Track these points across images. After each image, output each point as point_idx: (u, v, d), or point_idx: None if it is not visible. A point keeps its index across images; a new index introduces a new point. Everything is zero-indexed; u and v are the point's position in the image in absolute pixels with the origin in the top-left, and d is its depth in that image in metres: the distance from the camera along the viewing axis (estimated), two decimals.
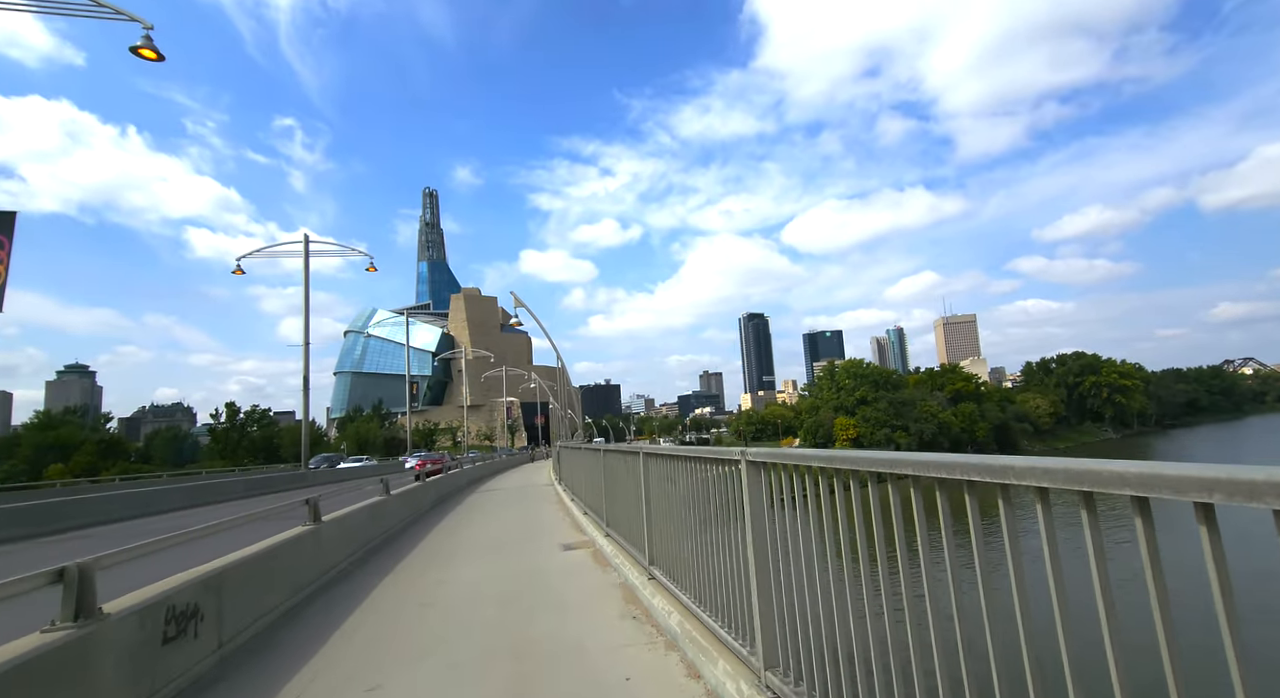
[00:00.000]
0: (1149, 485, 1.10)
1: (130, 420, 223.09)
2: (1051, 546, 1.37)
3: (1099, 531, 1.27)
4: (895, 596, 1.85)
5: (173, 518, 14.81)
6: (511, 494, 15.89)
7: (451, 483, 18.40)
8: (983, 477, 1.50)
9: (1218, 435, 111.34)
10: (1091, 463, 1.24)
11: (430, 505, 12.81)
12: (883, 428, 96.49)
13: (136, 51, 14.03)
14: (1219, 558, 1.05)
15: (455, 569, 6.62)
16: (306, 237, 29.89)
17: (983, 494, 1.58)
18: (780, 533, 2.65)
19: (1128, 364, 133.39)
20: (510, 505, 12.93)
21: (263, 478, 24.43)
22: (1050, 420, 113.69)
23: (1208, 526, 1.05)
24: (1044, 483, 1.33)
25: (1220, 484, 0.99)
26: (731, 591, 3.14)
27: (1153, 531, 1.18)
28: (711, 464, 3.44)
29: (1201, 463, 1.06)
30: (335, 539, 6.49)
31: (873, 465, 1.97)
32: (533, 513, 11.21)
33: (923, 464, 1.69)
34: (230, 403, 77.13)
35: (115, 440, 72.89)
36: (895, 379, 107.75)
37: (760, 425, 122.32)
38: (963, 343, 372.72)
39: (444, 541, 8.69)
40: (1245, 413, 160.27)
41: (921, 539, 1.78)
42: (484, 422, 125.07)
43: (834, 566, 2.22)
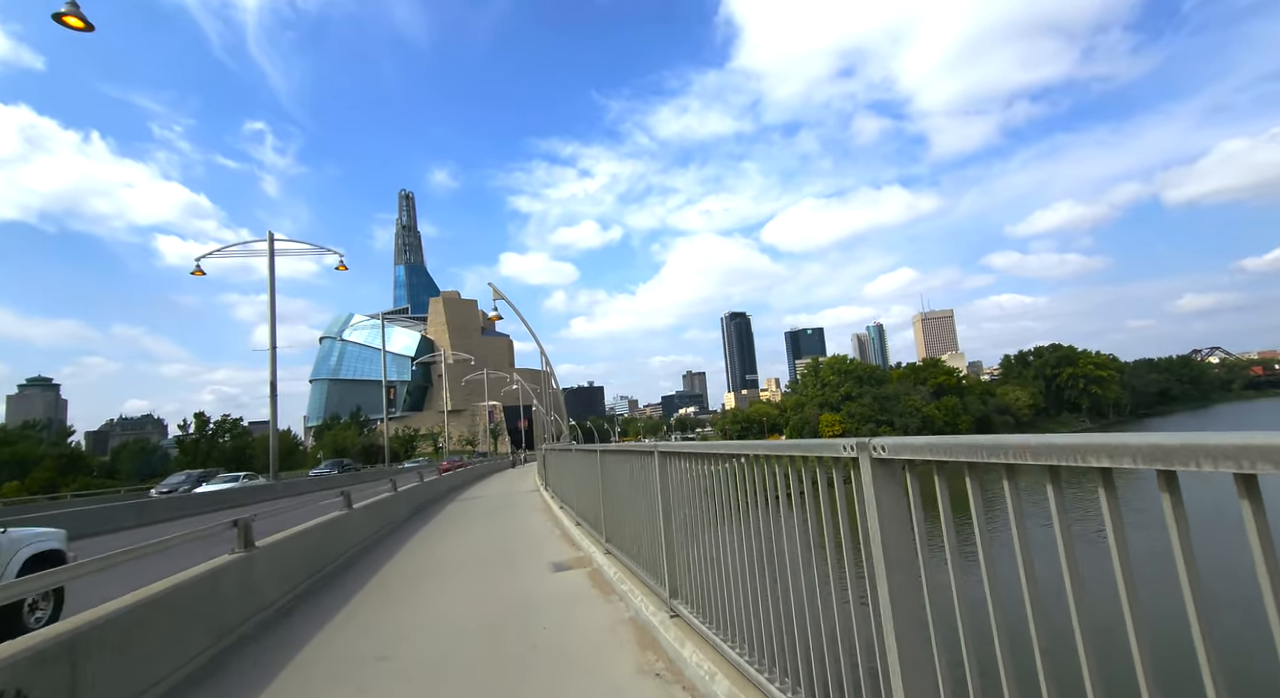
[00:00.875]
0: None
1: (98, 434, 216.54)
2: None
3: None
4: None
5: (118, 538, 13.35)
6: (494, 503, 14.58)
7: (430, 491, 17.07)
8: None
9: (1190, 423, 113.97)
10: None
11: (405, 517, 11.51)
12: (868, 423, 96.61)
13: (61, 19, 12.55)
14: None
15: (424, 601, 5.39)
16: (271, 235, 28.26)
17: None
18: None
19: (1103, 356, 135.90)
20: (493, 515, 11.66)
21: (224, 490, 22.77)
22: (1030, 412, 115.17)
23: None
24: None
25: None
26: (837, 657, 2.01)
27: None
28: (799, 461, 2.30)
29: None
30: (273, 570, 5.19)
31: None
32: (518, 523, 9.96)
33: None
34: (199, 413, 74.34)
35: (76, 455, 69.73)
36: (879, 374, 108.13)
37: (746, 424, 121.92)
38: (941, 338, 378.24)
39: (415, 561, 7.44)
40: (1214, 401, 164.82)
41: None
42: (466, 427, 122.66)
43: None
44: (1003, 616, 1.50)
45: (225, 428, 75.84)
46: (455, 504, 15.06)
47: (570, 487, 8.85)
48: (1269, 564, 0.94)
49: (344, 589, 5.92)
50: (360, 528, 8.10)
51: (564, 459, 9.57)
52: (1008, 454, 1.36)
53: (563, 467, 9.83)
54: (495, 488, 20.61)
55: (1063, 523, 1.31)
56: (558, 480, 11.20)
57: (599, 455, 5.82)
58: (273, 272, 27.96)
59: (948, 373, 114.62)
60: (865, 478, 1.88)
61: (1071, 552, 1.31)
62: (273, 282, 27.79)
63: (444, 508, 14.33)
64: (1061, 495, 1.31)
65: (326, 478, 36.03)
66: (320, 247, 28.98)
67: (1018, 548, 1.42)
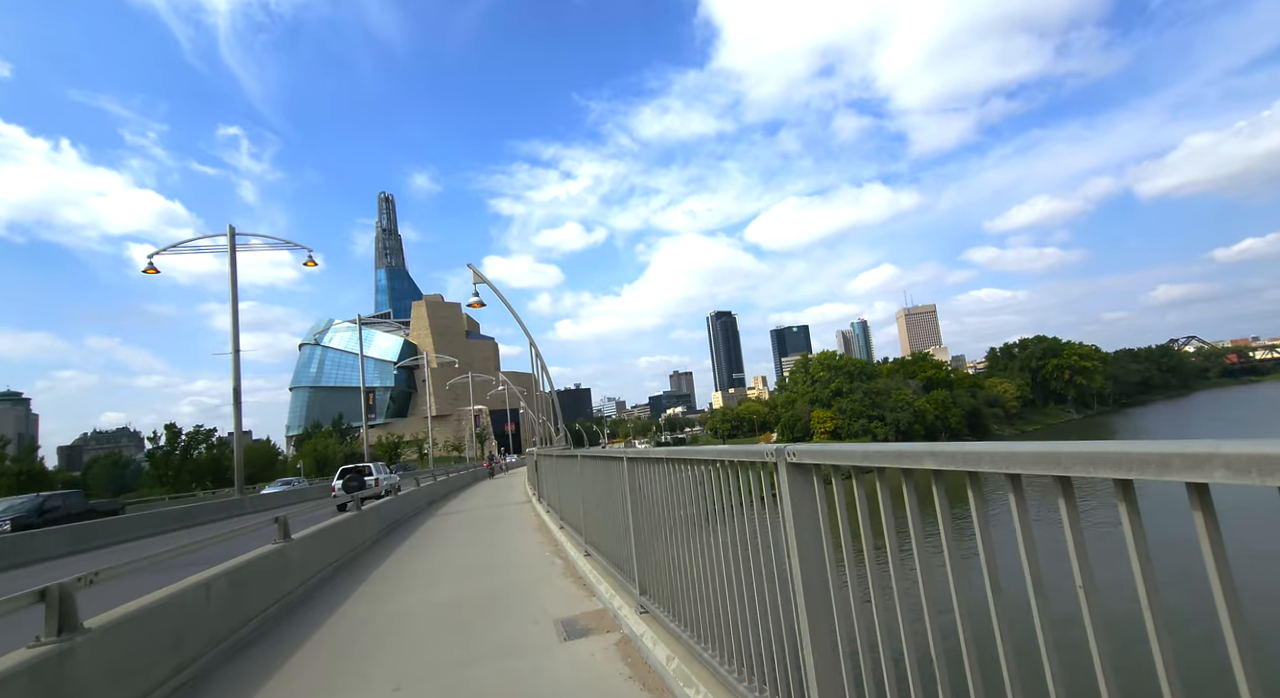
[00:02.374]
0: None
1: (72, 448, 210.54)
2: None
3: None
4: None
5: (31, 573, 11.32)
6: (478, 519, 12.60)
7: (406, 505, 15.10)
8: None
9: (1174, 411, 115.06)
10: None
11: (373, 539, 9.58)
12: (859, 419, 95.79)
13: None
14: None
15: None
16: (231, 229, 26.05)
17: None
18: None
19: (1087, 346, 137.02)
20: (478, 538, 9.72)
21: (183, 509, 20.53)
22: (1017, 405, 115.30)
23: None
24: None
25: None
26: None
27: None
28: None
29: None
30: (116, 667, 3.21)
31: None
32: (508, 550, 8.14)
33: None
34: (170, 425, 71.10)
35: (37, 472, 66.28)
36: (869, 369, 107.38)
37: (736, 422, 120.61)
38: (924, 333, 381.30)
39: (361, 624, 5.25)
40: (1192, 389, 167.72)
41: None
42: (452, 432, 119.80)
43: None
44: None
45: (199, 440, 72.55)
46: (435, 520, 13.10)
47: (573, 503, 7.05)
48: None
49: (240, 686, 3.90)
50: (298, 568, 6.13)
51: (562, 468, 7.76)
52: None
53: (561, 477, 8.01)
54: (479, 499, 18.60)
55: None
56: (554, 493, 9.37)
57: (625, 465, 3.96)
58: (234, 267, 25.77)
59: (937, 366, 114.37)
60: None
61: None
62: (234, 278, 25.59)
63: (423, 523, 12.38)
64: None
65: (299, 491, 33.75)
66: (285, 241, 26.82)
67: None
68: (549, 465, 10.32)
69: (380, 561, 7.85)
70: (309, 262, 27.13)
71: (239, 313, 25.52)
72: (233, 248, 25.89)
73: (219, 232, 25.91)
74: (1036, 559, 1.24)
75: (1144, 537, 1.06)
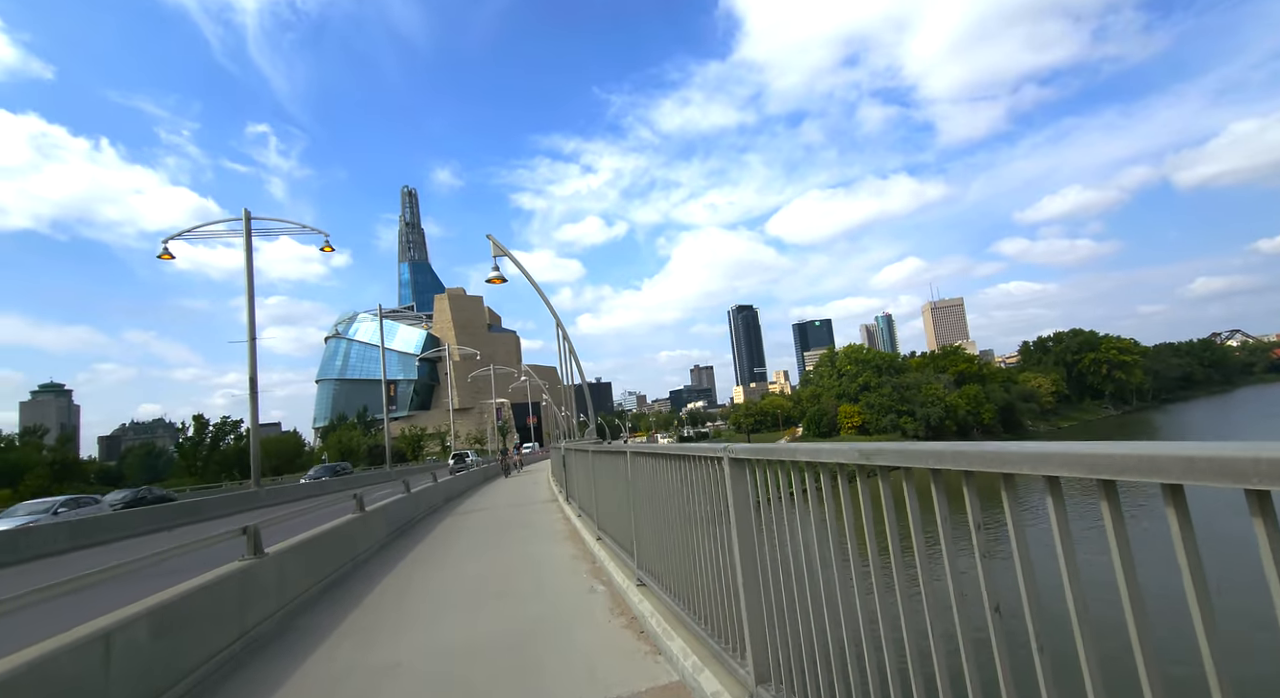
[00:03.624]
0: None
1: (111, 439, 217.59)
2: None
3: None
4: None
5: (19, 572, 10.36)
6: (498, 522, 11.17)
7: (425, 502, 13.87)
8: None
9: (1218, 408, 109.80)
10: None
11: (376, 547, 8.25)
12: (888, 414, 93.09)
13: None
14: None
15: None
16: (247, 213, 25.17)
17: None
18: None
19: (1125, 340, 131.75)
20: (496, 546, 8.37)
21: (190, 503, 19.68)
22: (1053, 400, 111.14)
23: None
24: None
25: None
26: None
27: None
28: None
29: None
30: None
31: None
32: (532, 568, 6.62)
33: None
34: (198, 416, 71.89)
35: (70, 461, 67.47)
36: (898, 363, 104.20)
37: (759, 416, 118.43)
38: (951, 327, 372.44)
39: (334, 686, 3.78)
40: (1236, 385, 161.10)
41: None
42: (474, 425, 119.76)
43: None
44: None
45: (226, 431, 73.16)
46: (450, 521, 11.79)
47: (618, 513, 5.60)
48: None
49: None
50: (270, 593, 4.66)
51: (601, 467, 6.29)
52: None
53: (598, 478, 6.55)
54: (498, 497, 17.31)
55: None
56: (587, 496, 7.95)
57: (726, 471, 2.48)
58: (250, 252, 24.91)
59: (969, 360, 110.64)
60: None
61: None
62: (250, 263, 24.73)
63: (436, 524, 11.07)
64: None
65: (320, 483, 33.01)
66: (302, 226, 25.83)
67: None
68: (580, 462, 8.92)
69: (380, 576, 6.51)
70: (326, 247, 26.17)
71: (254, 300, 24.65)
72: (248, 233, 25.01)
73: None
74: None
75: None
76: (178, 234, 25.18)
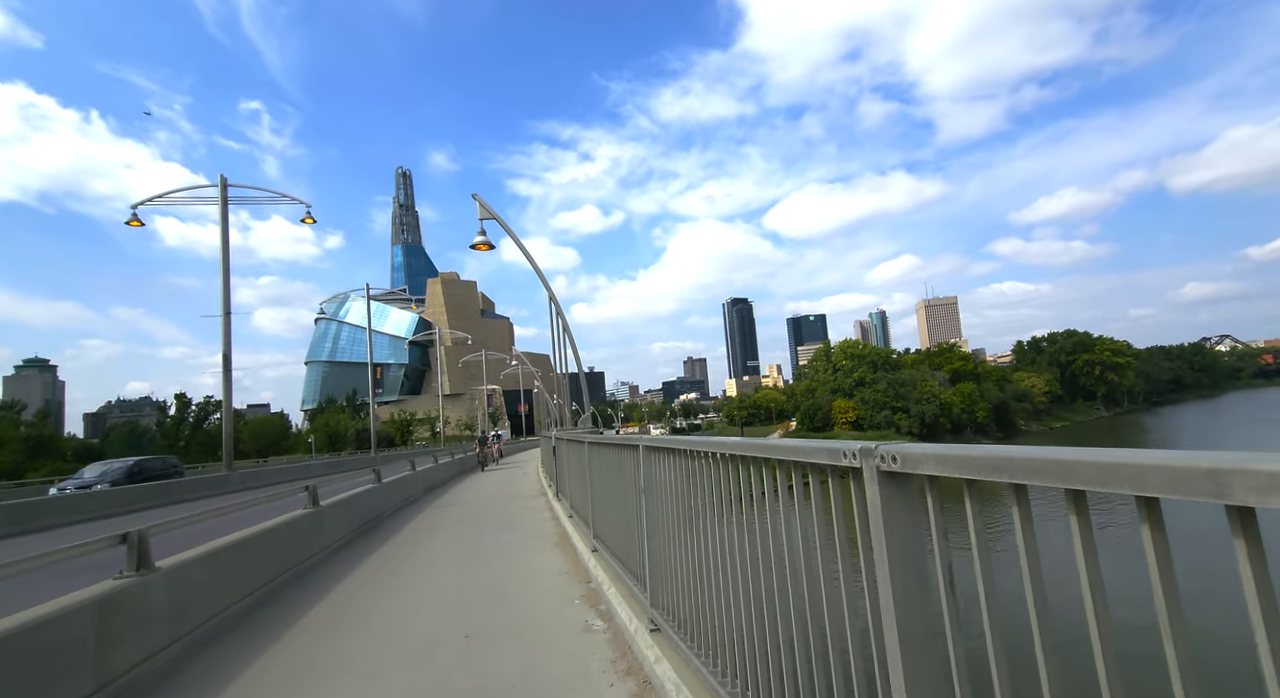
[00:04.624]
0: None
1: (97, 416, 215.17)
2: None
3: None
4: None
5: None
6: (478, 519, 9.77)
7: (400, 493, 12.65)
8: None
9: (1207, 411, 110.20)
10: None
11: (329, 551, 6.87)
12: (883, 410, 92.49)
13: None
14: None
15: None
16: (223, 179, 23.70)
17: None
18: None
19: (1119, 342, 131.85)
20: (473, 553, 6.99)
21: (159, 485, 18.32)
22: (1046, 400, 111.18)
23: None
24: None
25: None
26: None
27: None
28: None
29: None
30: None
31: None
32: (514, 586, 5.37)
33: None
34: (180, 394, 70.11)
35: (47, 437, 65.67)
36: (894, 359, 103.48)
37: (753, 410, 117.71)
38: (944, 325, 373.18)
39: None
40: (1224, 389, 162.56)
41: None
42: (464, 411, 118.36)
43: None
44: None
45: (209, 410, 71.45)
46: (424, 517, 10.51)
47: (619, 522, 4.36)
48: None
49: None
50: (158, 622, 3.31)
51: (600, 462, 5.03)
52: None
53: (595, 475, 5.30)
54: (482, 489, 16.06)
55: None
56: (581, 495, 6.75)
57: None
58: (225, 220, 23.45)
59: (964, 358, 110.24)
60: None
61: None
62: (225, 233, 23.27)
63: (407, 522, 9.78)
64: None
65: (304, 467, 31.65)
66: (282, 195, 24.33)
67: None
68: (573, 455, 7.72)
69: (319, 594, 5.30)
70: (307, 218, 24.72)
71: (230, 272, 23.22)
72: (224, 200, 23.54)
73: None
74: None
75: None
76: (148, 199, 23.69)
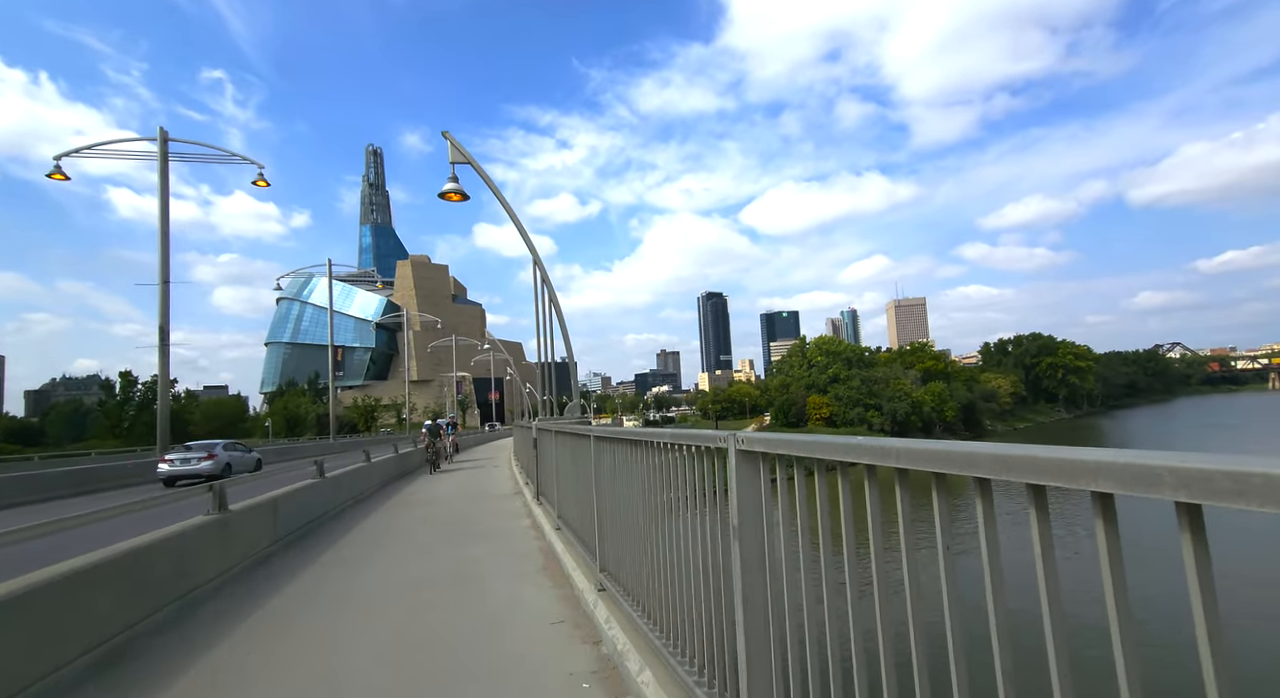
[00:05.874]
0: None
1: (39, 393, 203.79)
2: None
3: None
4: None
5: None
6: (443, 524, 8.14)
7: (347, 490, 10.90)
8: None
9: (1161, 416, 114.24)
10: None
11: (235, 572, 5.11)
12: (855, 407, 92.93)
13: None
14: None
15: None
16: (163, 132, 21.24)
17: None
18: None
19: (1080, 346, 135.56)
20: (431, 578, 5.40)
21: (77, 470, 16.11)
22: (1011, 401, 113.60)
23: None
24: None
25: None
26: None
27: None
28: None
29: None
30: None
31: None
32: (486, 650, 3.64)
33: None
34: (125, 372, 65.80)
35: None
36: (867, 357, 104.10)
37: (727, 403, 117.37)
38: (913, 326, 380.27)
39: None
40: (1175, 395, 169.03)
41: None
42: (432, 398, 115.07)
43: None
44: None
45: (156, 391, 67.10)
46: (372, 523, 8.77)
47: (627, 540, 2.91)
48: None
49: None
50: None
51: (608, 462, 3.47)
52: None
53: (599, 479, 3.76)
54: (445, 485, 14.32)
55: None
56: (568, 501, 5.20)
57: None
58: (165, 179, 21.05)
59: (936, 358, 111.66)
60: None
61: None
62: (165, 192, 20.87)
63: (347, 531, 7.99)
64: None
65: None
66: (229, 153, 21.99)
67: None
68: (560, 452, 6.19)
69: (187, 663, 3.50)
70: (259, 180, 22.42)
71: (168, 229, 20.83)
72: (164, 156, 21.11)
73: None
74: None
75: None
76: (75, 150, 21.08)
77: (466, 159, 8.02)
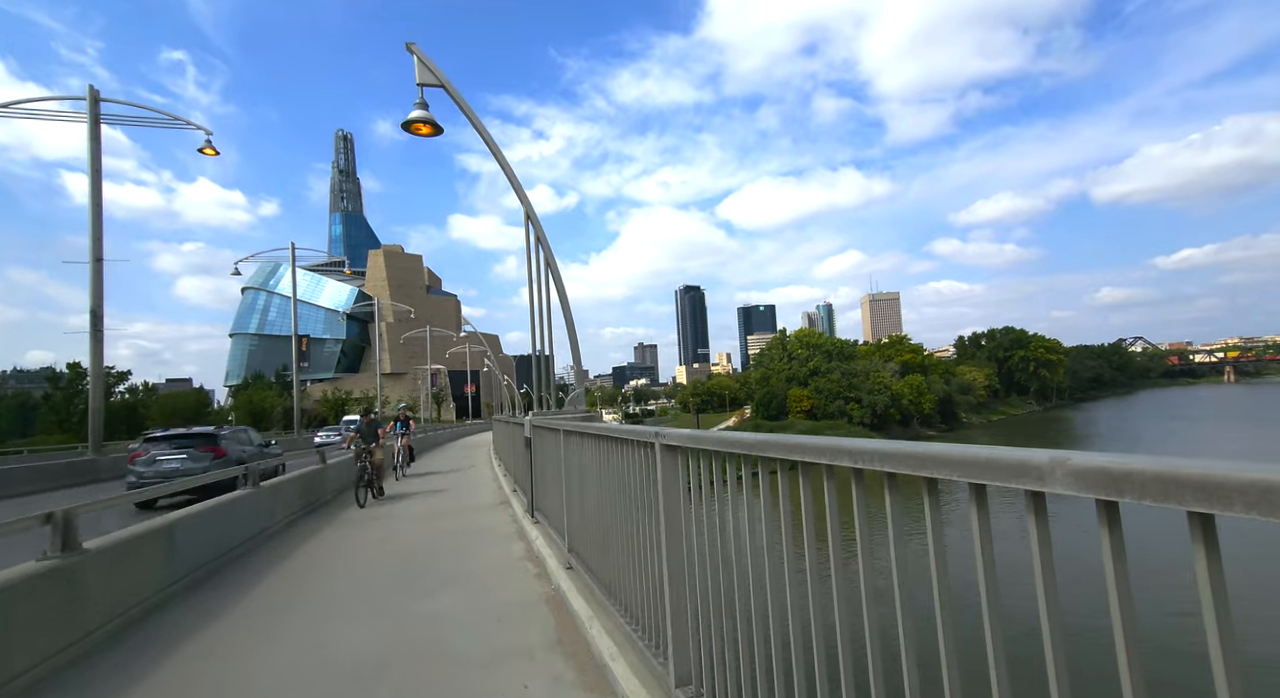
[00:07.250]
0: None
1: None
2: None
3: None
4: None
5: None
6: (407, 556, 5.91)
7: (267, 512, 9.11)
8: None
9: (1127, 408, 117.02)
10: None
11: (117, 625, 3.56)
12: (836, 400, 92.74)
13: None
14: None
15: None
16: (93, 91, 18.80)
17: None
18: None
19: (1051, 340, 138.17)
20: (389, 658, 3.48)
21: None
22: (985, 394, 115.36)
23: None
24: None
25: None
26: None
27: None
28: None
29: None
30: None
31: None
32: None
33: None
34: (74, 364, 61.90)
35: None
36: (848, 350, 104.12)
37: (706, 396, 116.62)
38: (887, 320, 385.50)
39: None
40: (1137, 388, 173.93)
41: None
42: (406, 392, 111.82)
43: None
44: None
45: (112, 382, 63.54)
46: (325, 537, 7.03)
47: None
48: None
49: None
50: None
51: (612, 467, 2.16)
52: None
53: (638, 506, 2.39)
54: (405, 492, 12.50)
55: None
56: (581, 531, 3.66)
57: None
58: (97, 143, 18.67)
59: (914, 350, 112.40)
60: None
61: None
62: (96, 159, 18.50)
63: (282, 562, 6.31)
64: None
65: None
66: (171, 116, 19.64)
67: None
68: (573, 462, 4.60)
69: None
70: (207, 148, 20.14)
71: (101, 202, 18.51)
72: (95, 117, 18.73)
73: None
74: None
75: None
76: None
77: (439, 80, 6.33)
